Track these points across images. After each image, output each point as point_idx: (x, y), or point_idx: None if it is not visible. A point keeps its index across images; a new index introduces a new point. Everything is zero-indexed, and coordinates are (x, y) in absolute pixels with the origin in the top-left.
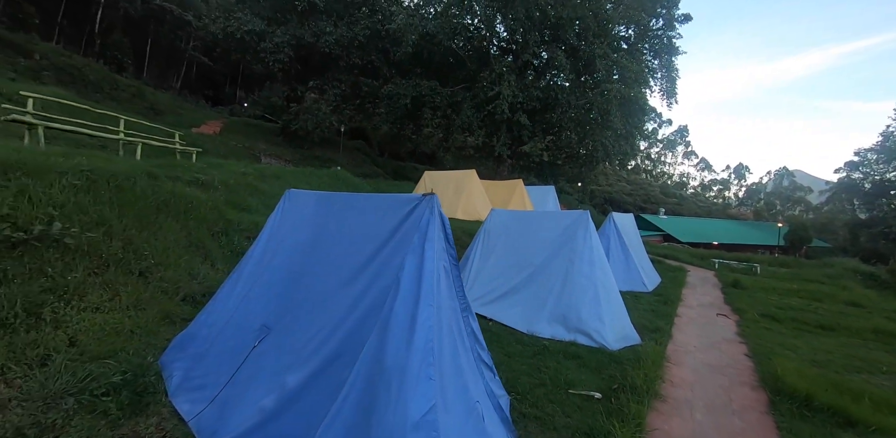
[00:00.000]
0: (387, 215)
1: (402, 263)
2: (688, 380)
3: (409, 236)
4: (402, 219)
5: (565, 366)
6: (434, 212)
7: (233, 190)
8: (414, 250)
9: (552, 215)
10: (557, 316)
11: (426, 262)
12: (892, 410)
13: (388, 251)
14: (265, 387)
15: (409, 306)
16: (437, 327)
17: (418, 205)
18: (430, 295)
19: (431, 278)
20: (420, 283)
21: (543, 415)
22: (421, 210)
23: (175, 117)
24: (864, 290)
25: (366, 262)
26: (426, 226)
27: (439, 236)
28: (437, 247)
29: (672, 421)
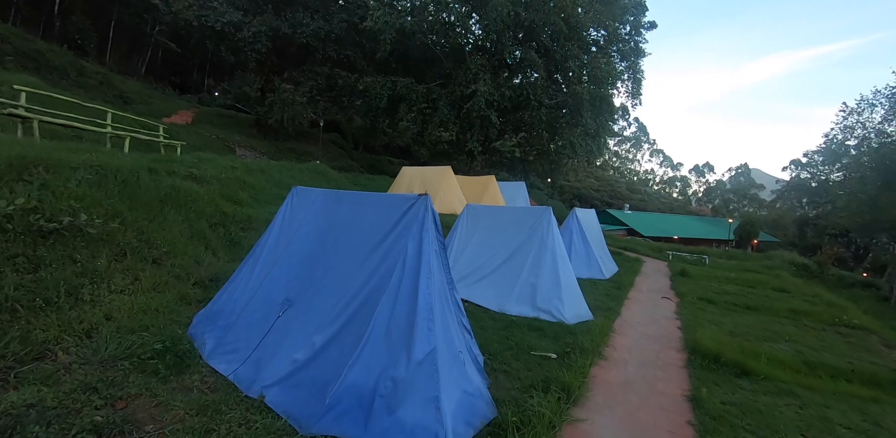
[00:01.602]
0: (390, 210)
1: (405, 247)
2: (627, 346)
3: (410, 227)
4: (403, 213)
5: (529, 336)
6: (428, 208)
7: (225, 184)
8: (413, 237)
9: (520, 210)
10: (524, 297)
11: (423, 246)
12: (780, 365)
13: (393, 238)
14: (295, 345)
15: (411, 278)
16: (433, 294)
17: (416, 203)
18: (427, 271)
19: (428, 258)
20: (419, 262)
21: (510, 370)
22: (418, 206)
23: (145, 107)
24: (793, 278)
25: (375, 246)
26: (422, 219)
27: (432, 226)
28: (430, 235)
29: (611, 372)
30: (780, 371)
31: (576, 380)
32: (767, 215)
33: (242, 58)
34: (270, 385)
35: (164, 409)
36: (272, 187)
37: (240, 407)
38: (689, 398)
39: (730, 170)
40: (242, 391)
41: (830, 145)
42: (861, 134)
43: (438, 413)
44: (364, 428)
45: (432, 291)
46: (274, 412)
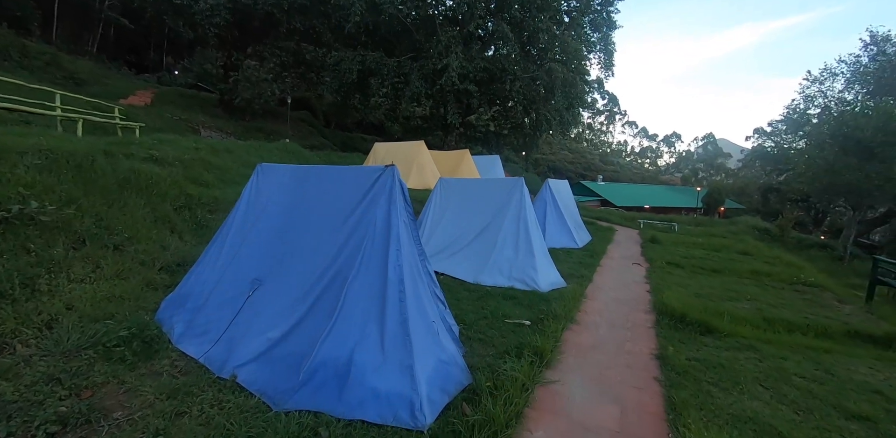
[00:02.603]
0: (358, 182)
1: (373, 219)
2: (598, 310)
3: (377, 199)
4: (370, 185)
5: (504, 305)
6: (395, 179)
7: (188, 166)
8: (381, 209)
9: (493, 182)
10: (498, 268)
11: (391, 218)
12: (742, 322)
13: (361, 211)
14: (267, 323)
15: (381, 251)
16: (403, 266)
17: (383, 174)
18: (396, 242)
19: (396, 229)
20: (388, 234)
21: (485, 337)
22: (385, 177)
23: (100, 88)
24: (755, 242)
25: (343, 220)
26: (390, 190)
27: (400, 197)
28: (399, 206)
29: (581, 335)
30: (742, 328)
31: (548, 344)
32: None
33: (201, 33)
34: (243, 364)
35: (132, 395)
36: (239, 168)
37: (212, 389)
38: (656, 356)
39: (696, 140)
40: (214, 372)
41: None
42: (822, 103)
43: (413, 380)
44: (338, 399)
45: (402, 262)
46: (247, 391)
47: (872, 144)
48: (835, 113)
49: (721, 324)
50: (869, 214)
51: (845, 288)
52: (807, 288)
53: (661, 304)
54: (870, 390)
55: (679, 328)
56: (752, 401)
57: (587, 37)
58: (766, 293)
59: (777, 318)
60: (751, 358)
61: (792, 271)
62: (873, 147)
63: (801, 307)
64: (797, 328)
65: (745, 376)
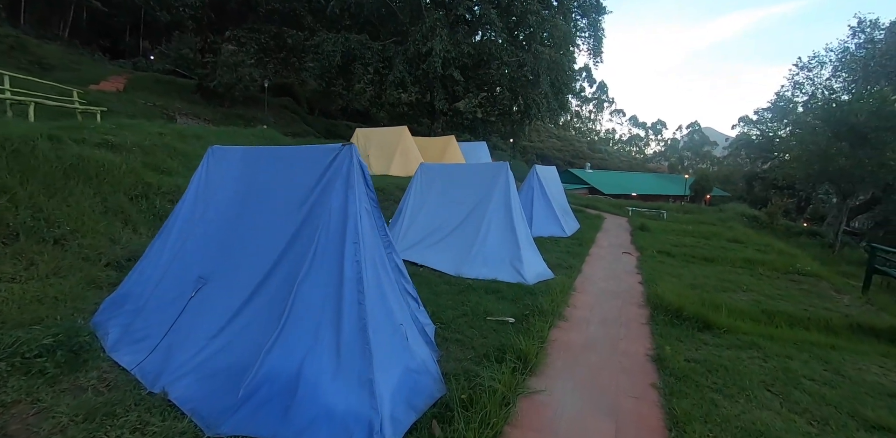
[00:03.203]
0: (312, 165)
1: (327, 207)
2: (589, 303)
3: (333, 183)
4: (326, 167)
5: (486, 299)
6: (353, 160)
7: (150, 152)
8: (337, 195)
9: (476, 167)
10: (481, 259)
11: (349, 205)
12: (741, 315)
13: (315, 197)
14: (208, 329)
15: (336, 244)
16: (363, 260)
17: (339, 154)
18: (354, 234)
19: (355, 219)
20: (345, 224)
21: (464, 338)
22: (342, 159)
23: (69, 73)
24: (745, 229)
25: (295, 209)
26: (346, 173)
27: (359, 180)
28: (357, 191)
29: (570, 334)
30: (742, 322)
31: (533, 347)
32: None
33: (176, 15)
34: (178, 378)
35: (43, 417)
36: None
37: (138, 408)
38: (652, 357)
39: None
40: (146, 387)
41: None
42: (810, 91)
43: (372, 396)
44: (284, 420)
45: (362, 257)
46: (179, 410)
47: (866, 130)
48: (820, 102)
49: (719, 319)
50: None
51: (839, 277)
52: (802, 277)
53: (656, 297)
54: (885, 394)
55: (675, 323)
56: (762, 411)
57: (576, 22)
58: (762, 282)
59: (776, 310)
60: (754, 358)
61: (785, 259)
62: (867, 133)
63: (799, 297)
64: (798, 321)
65: (750, 379)
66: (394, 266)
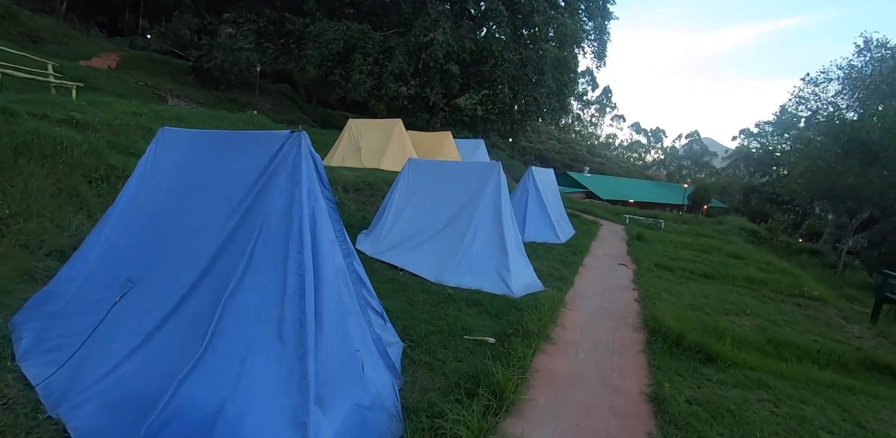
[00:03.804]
0: (255, 155)
1: (268, 206)
2: (580, 323)
3: (276, 178)
4: (270, 159)
5: (466, 313)
6: (302, 150)
7: (120, 132)
8: (281, 193)
9: (467, 166)
10: (466, 265)
11: (295, 205)
12: (747, 346)
13: (254, 195)
14: (128, 341)
15: (277, 251)
16: (313, 271)
17: (285, 144)
18: (299, 240)
19: (302, 220)
20: (289, 227)
21: (434, 361)
22: (288, 149)
23: (60, 47)
24: (745, 244)
25: (234, 206)
26: (292, 166)
27: (310, 176)
28: (307, 189)
29: (557, 361)
30: (747, 354)
31: (513, 379)
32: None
33: None
34: (82, 403)
35: None
36: None
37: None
38: (648, 396)
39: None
40: (47, 409)
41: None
42: (815, 106)
43: None
44: None
45: (307, 268)
46: None
47: (878, 148)
48: (823, 119)
49: (724, 349)
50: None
51: (845, 302)
52: (808, 301)
53: (653, 320)
54: None
55: (675, 353)
56: None
57: (582, 24)
58: (766, 306)
59: (783, 340)
60: (764, 401)
61: (789, 280)
62: (878, 151)
63: (805, 325)
64: (808, 354)
65: (761, 430)
66: (355, 278)
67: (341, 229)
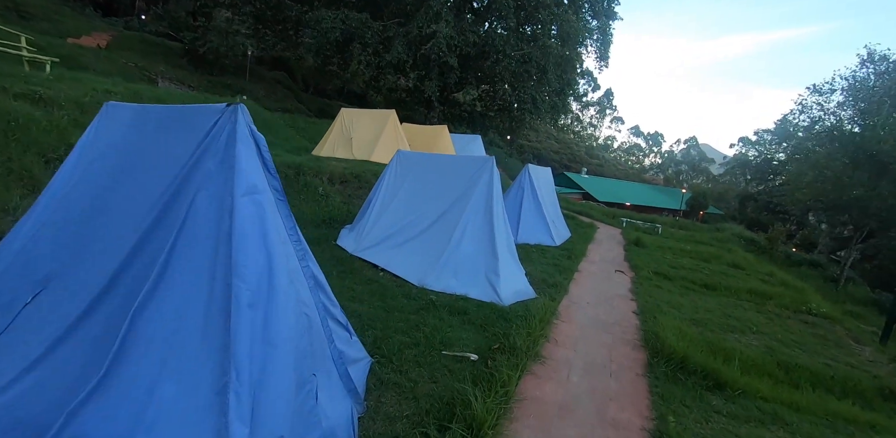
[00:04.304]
0: (188, 134)
1: (192, 198)
2: (573, 338)
3: (204, 161)
4: (202, 138)
5: (448, 323)
6: (238, 128)
7: (88, 110)
8: (212, 180)
9: (458, 160)
10: (452, 268)
11: (226, 196)
12: (757, 371)
13: (178, 183)
14: (29, 352)
15: (202, 253)
16: (258, 276)
17: (220, 119)
18: (227, 240)
19: (240, 217)
20: (218, 225)
21: (405, 381)
22: (221, 127)
23: (48, 24)
24: (744, 253)
25: (158, 197)
26: (225, 148)
27: (249, 160)
28: (246, 177)
29: (546, 386)
30: (757, 380)
31: (494, 409)
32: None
33: None
34: None
35: None
36: None
37: None
38: (651, 433)
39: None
40: None
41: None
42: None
43: None
44: None
45: (254, 271)
46: None
47: (889, 159)
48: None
49: (732, 374)
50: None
51: (850, 319)
52: (814, 318)
53: (654, 338)
54: None
55: (679, 378)
56: None
57: (586, 22)
58: (772, 323)
59: (794, 364)
60: None
61: (794, 294)
62: (889, 162)
63: (815, 346)
64: (821, 380)
65: None
66: (313, 284)
67: (293, 226)
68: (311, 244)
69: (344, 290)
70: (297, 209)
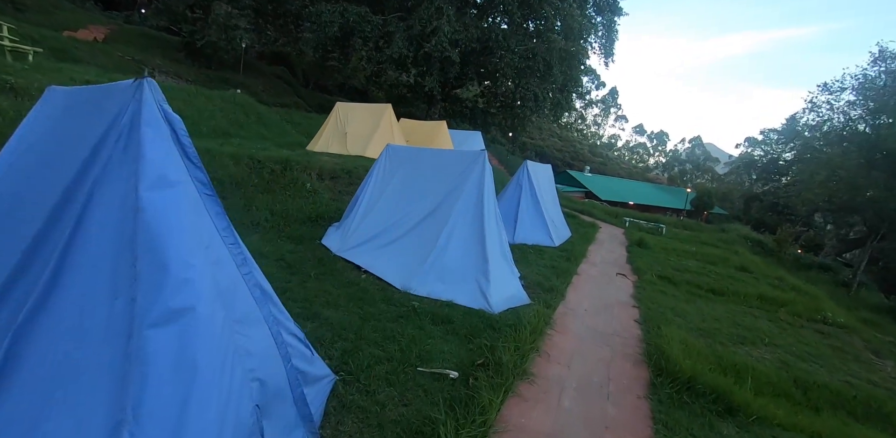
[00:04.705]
0: (98, 117)
1: (89, 195)
2: (568, 352)
3: (105, 150)
4: (110, 122)
5: (429, 334)
6: (144, 109)
7: None
8: (112, 173)
9: (449, 155)
10: (438, 272)
11: (130, 193)
12: (772, 390)
13: (77, 176)
14: None
15: (104, 265)
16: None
17: (134, 95)
18: (132, 246)
19: (146, 216)
20: (120, 226)
21: (372, 405)
22: (124, 103)
23: (44, 16)
24: (752, 256)
25: (62, 193)
26: (129, 132)
27: (159, 147)
28: (153, 167)
29: (533, 412)
30: (773, 403)
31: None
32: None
33: None
34: None
35: None
36: None
37: None
38: None
39: (683, 141)
40: None
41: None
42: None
43: None
44: None
45: (165, 283)
46: None
47: None
48: (827, 127)
49: (745, 396)
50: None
51: (865, 327)
52: (829, 328)
53: (658, 353)
54: None
55: (685, 402)
56: None
57: (590, 17)
58: (785, 333)
59: (812, 382)
60: None
61: (806, 301)
62: None
63: (832, 359)
64: (842, 401)
65: None
66: (259, 294)
67: (227, 227)
68: (294, 243)
69: (319, 294)
70: (283, 206)
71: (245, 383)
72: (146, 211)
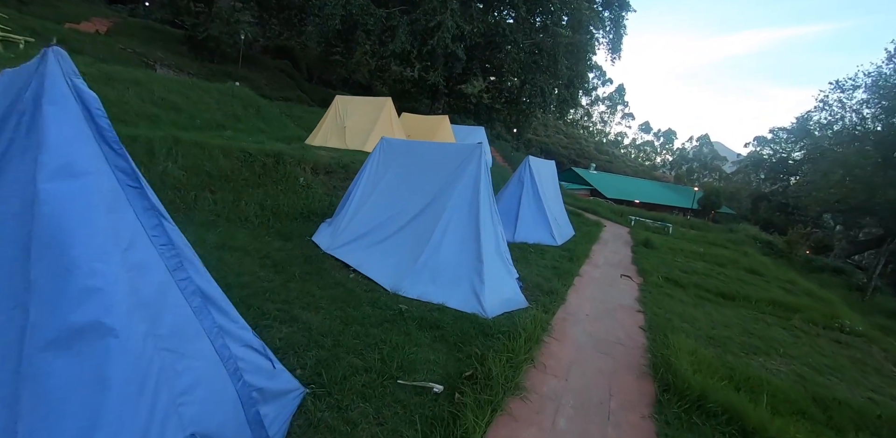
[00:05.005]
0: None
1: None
2: (566, 362)
3: (6, 133)
4: (12, 99)
5: (415, 340)
6: (47, 83)
7: None
8: (12, 161)
9: (443, 148)
10: (430, 272)
11: (29, 184)
12: (789, 408)
13: None
14: None
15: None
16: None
17: (37, 68)
18: (22, 247)
19: (46, 211)
20: (20, 223)
21: (342, 425)
22: (29, 77)
23: (47, 9)
24: (761, 257)
25: None
26: (31, 110)
27: (66, 129)
28: (57, 153)
29: (523, 434)
30: (793, 423)
31: None
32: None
33: None
34: None
35: None
36: (145, 104)
37: None
38: None
39: (691, 140)
40: None
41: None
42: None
43: None
44: None
45: (67, 294)
46: None
47: None
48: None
49: (761, 415)
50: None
51: (883, 336)
52: (847, 336)
53: (665, 366)
54: None
55: (695, 423)
56: None
57: (598, 12)
58: (801, 343)
59: (832, 399)
60: None
61: (821, 307)
62: None
63: (851, 372)
64: (865, 421)
65: None
66: (200, 304)
67: (157, 225)
68: (283, 240)
69: (301, 295)
70: (274, 201)
71: (172, 409)
72: (46, 205)
